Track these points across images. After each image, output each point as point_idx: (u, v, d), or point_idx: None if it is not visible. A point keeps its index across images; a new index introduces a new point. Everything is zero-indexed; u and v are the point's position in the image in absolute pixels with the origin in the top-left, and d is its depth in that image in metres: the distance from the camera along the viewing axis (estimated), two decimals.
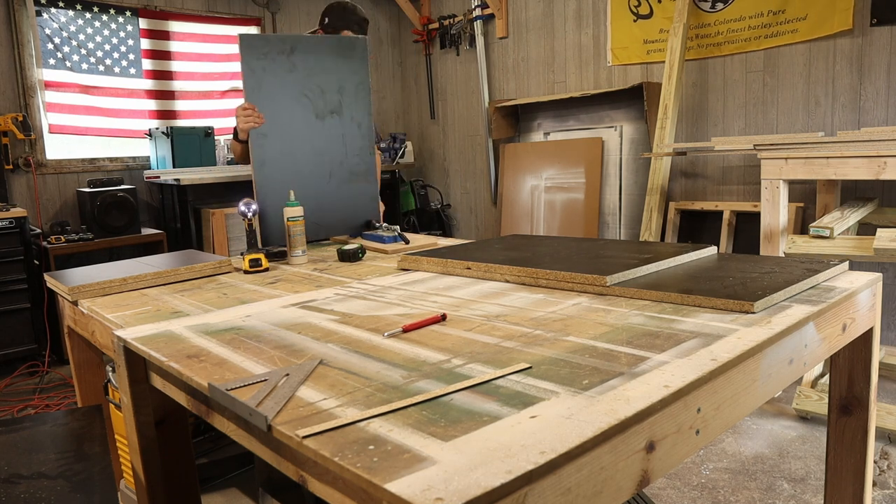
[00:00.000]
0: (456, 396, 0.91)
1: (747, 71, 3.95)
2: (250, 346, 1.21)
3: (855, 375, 1.53)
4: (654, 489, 2.33)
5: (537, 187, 4.92)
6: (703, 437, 0.96)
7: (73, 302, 1.75)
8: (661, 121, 4.02)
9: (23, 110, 4.39)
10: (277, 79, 2.32)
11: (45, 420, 1.69)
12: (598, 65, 4.71)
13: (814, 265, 1.52)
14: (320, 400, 0.92)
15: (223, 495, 2.43)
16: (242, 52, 2.23)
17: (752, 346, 1.05)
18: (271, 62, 2.31)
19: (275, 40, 2.34)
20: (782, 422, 2.81)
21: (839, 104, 3.60)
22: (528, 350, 1.09)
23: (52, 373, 3.95)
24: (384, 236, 2.38)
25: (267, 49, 2.30)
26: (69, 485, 1.32)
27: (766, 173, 2.95)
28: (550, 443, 0.75)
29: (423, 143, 6.26)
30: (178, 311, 1.54)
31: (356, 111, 2.53)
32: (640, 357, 1.02)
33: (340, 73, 2.48)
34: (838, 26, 3.51)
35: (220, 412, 1.05)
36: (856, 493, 1.56)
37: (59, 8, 4.52)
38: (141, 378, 1.32)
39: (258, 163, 2.29)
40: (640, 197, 4.43)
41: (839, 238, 2.66)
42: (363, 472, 0.70)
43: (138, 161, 4.93)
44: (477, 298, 1.48)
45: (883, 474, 2.36)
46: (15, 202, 4.33)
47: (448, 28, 5.68)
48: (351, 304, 1.50)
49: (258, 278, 1.92)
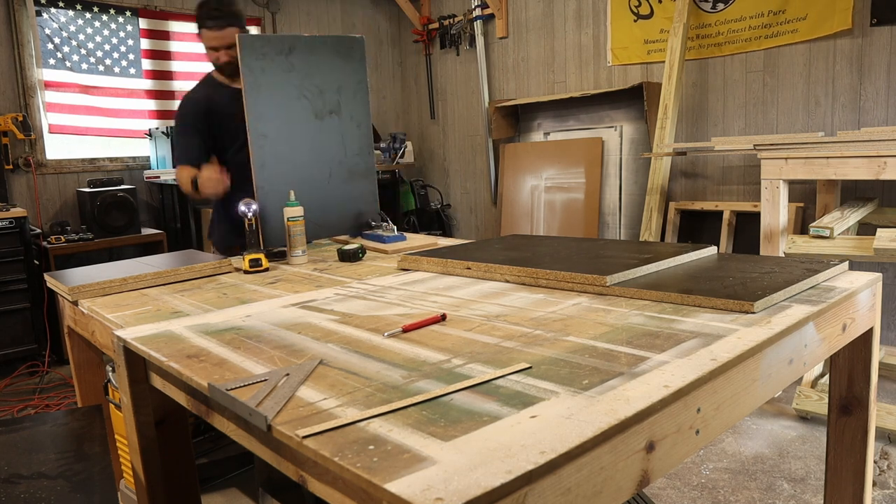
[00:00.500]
0: (456, 396, 0.91)
1: (747, 71, 3.95)
2: (250, 346, 1.21)
3: (855, 375, 1.53)
4: (654, 489, 2.33)
5: (537, 187, 4.92)
6: (703, 437, 0.96)
7: (73, 302, 1.75)
8: (661, 121, 4.02)
9: (23, 110, 4.39)
10: (276, 79, 2.32)
11: (45, 420, 1.69)
12: (598, 65, 4.71)
13: (814, 265, 1.52)
14: (320, 400, 0.92)
15: (223, 495, 2.43)
16: (241, 52, 2.23)
17: (752, 346, 1.05)
18: (270, 62, 2.31)
19: (273, 40, 2.34)
20: (782, 422, 2.81)
21: (839, 104, 3.60)
22: (528, 350, 1.09)
23: (52, 373, 3.95)
24: (384, 236, 2.39)
25: (266, 49, 2.30)
26: (69, 485, 1.32)
27: (766, 173, 2.95)
28: (550, 443, 0.75)
29: (423, 143, 6.26)
30: (178, 311, 1.54)
31: (355, 111, 2.53)
32: (640, 357, 1.02)
33: (339, 73, 2.48)
34: (838, 26, 3.51)
35: (220, 412, 1.05)
36: (856, 493, 1.56)
37: (59, 8, 4.52)
38: (141, 378, 1.32)
39: (258, 163, 2.29)
40: (640, 197, 4.43)
41: (839, 238, 2.66)
42: (363, 472, 0.70)
43: (138, 161, 4.93)
44: (477, 298, 1.48)
45: (883, 474, 2.36)
46: (15, 202, 4.33)
47: (448, 28, 5.68)
48: (351, 304, 1.50)
49: (258, 278, 1.92)
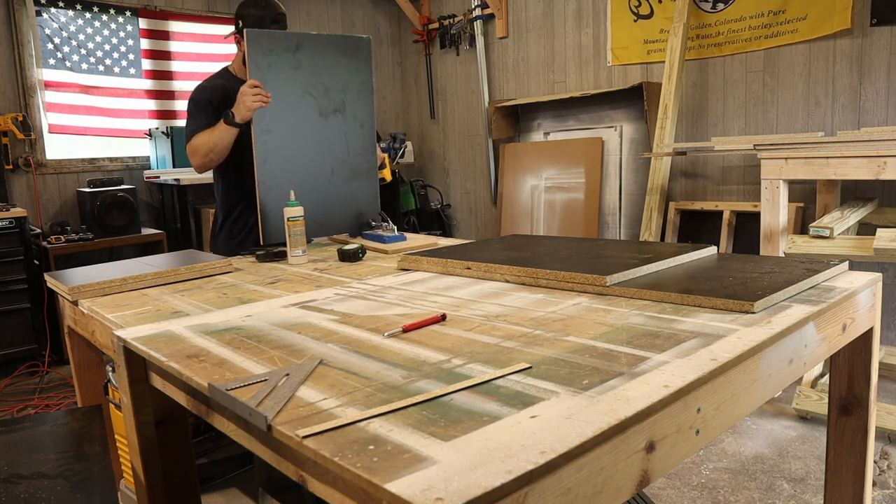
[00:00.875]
0: (456, 396, 0.91)
1: (747, 71, 3.95)
2: (250, 346, 1.21)
3: (855, 375, 1.53)
4: (654, 489, 2.33)
5: (537, 187, 4.92)
6: (703, 437, 0.96)
7: (74, 302, 1.75)
8: (661, 121, 4.02)
9: (23, 110, 4.39)
10: (282, 75, 2.33)
11: (45, 420, 1.69)
12: (598, 65, 4.71)
13: (814, 265, 1.52)
14: (320, 400, 0.92)
15: (223, 495, 2.43)
16: (249, 47, 2.24)
17: (752, 346, 1.05)
18: (277, 59, 2.31)
19: (280, 37, 2.34)
20: (782, 422, 2.81)
21: (839, 104, 3.60)
22: (528, 350, 1.09)
23: (52, 373, 3.95)
24: (384, 236, 2.39)
25: (272, 45, 2.30)
26: (69, 485, 1.32)
27: (766, 173, 2.95)
28: (550, 443, 0.75)
29: (423, 143, 6.26)
30: (178, 311, 1.54)
31: (359, 110, 2.53)
32: (640, 357, 1.02)
33: (345, 72, 2.48)
34: (838, 26, 3.51)
35: (220, 412, 1.05)
36: (856, 493, 1.56)
37: (59, 8, 4.52)
38: (141, 378, 1.32)
39: (261, 159, 2.30)
40: (640, 197, 4.43)
41: (839, 238, 2.66)
42: (363, 472, 0.70)
43: (138, 161, 4.93)
44: (477, 298, 1.48)
45: (883, 474, 2.36)
46: (15, 202, 4.33)
47: (448, 28, 5.68)
48: (351, 304, 1.49)
49: (258, 278, 1.92)
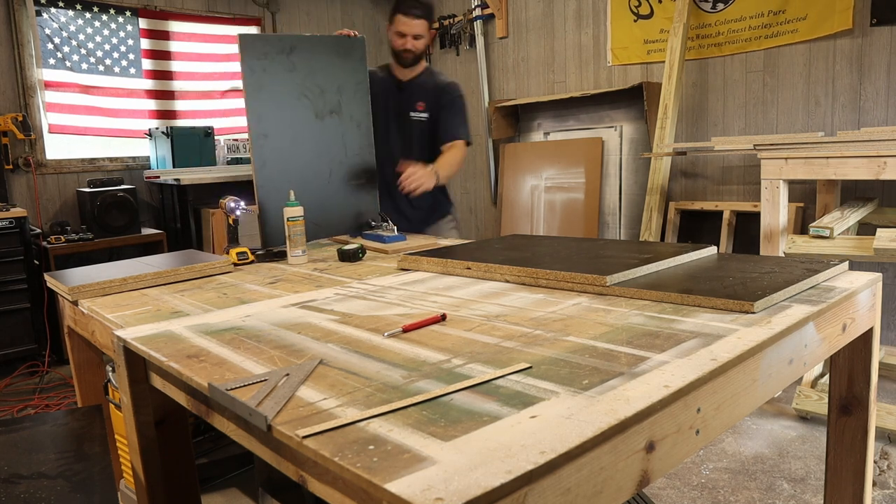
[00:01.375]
0: (456, 396, 0.91)
1: (747, 71, 3.95)
2: (250, 346, 1.21)
3: (855, 375, 1.53)
4: (654, 489, 2.33)
5: (537, 187, 4.92)
6: (703, 437, 0.96)
7: (74, 302, 1.75)
8: (661, 121, 4.02)
9: (23, 110, 4.39)
10: (278, 78, 2.33)
11: (45, 420, 1.69)
12: (598, 65, 4.71)
13: (814, 265, 1.52)
14: (320, 400, 0.92)
15: (223, 495, 2.43)
16: (242, 51, 2.24)
17: (752, 346, 1.05)
18: (271, 62, 2.31)
19: (274, 40, 2.34)
20: (782, 422, 2.81)
21: (839, 104, 3.60)
22: (528, 350, 1.09)
23: (52, 373, 3.95)
24: (384, 236, 2.39)
25: (266, 49, 2.30)
26: (69, 485, 1.32)
27: (766, 173, 2.95)
28: (550, 443, 0.75)
29: None
30: (178, 311, 1.54)
31: (355, 111, 2.54)
32: (640, 357, 1.02)
33: (340, 72, 2.48)
34: (838, 26, 3.51)
35: (220, 412, 1.05)
36: (856, 493, 1.56)
37: (59, 8, 4.52)
38: (141, 378, 1.32)
39: (259, 163, 2.30)
40: (640, 197, 4.43)
41: (839, 238, 2.66)
42: (363, 472, 0.70)
43: (138, 161, 4.93)
44: (477, 298, 1.48)
45: (883, 474, 2.36)
46: (15, 202, 4.33)
47: (448, 28, 5.68)
48: (351, 304, 1.49)
49: (258, 278, 1.92)
